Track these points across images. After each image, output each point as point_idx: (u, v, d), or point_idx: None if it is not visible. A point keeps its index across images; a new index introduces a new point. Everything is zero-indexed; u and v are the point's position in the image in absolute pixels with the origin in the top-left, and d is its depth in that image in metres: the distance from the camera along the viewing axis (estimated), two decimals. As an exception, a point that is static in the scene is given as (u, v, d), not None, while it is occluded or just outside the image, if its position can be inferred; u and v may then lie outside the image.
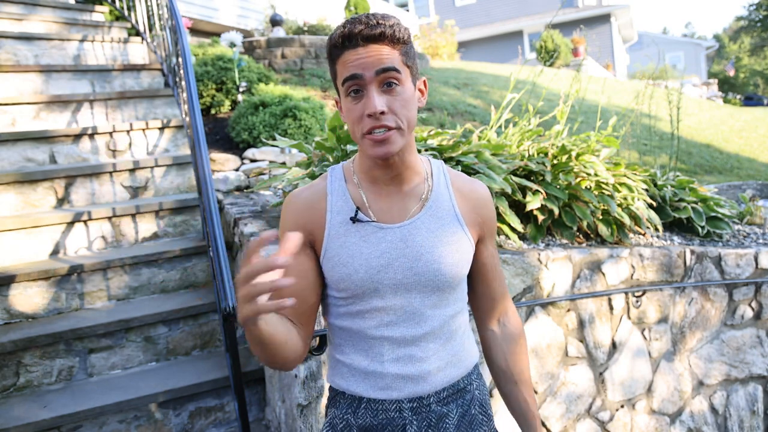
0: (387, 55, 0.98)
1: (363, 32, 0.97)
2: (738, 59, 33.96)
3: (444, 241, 1.09)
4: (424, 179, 1.12)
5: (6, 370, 2.27)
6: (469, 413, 1.14)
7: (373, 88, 0.98)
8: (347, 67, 0.98)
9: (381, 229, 1.07)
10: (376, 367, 1.09)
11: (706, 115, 9.14)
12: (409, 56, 1.02)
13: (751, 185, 4.85)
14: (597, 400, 2.57)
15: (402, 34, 1.00)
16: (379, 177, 1.08)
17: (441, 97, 5.72)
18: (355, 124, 1.00)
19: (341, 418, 1.12)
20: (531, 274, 2.36)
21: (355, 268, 1.06)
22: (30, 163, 3.23)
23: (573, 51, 14.85)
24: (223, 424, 2.35)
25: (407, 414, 1.08)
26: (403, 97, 0.99)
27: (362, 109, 0.98)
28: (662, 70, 8.94)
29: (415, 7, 18.68)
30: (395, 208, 1.09)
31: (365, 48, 0.97)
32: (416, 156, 1.11)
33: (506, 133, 3.02)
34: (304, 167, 2.60)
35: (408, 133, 1.02)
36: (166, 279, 2.79)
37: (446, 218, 1.11)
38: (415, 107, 1.03)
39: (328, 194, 1.11)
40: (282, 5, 8.14)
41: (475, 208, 1.15)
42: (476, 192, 1.16)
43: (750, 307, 2.94)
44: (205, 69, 4.23)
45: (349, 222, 1.08)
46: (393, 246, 1.06)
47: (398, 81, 0.99)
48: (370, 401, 1.09)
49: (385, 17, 0.99)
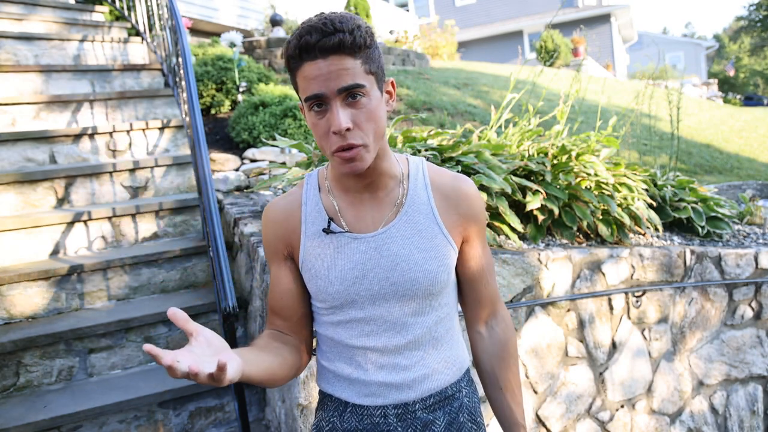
0: (348, 69, 0.91)
1: (320, 43, 0.90)
2: (738, 59, 33.97)
3: (421, 247, 1.04)
4: (399, 183, 1.07)
5: (6, 370, 2.27)
6: (458, 421, 1.12)
7: (336, 103, 0.92)
8: (308, 83, 0.92)
9: (355, 240, 1.04)
10: (360, 375, 1.07)
11: (706, 115, 9.14)
12: (373, 61, 0.96)
13: (751, 185, 4.85)
14: (597, 400, 2.57)
15: (362, 40, 0.92)
16: (352, 186, 1.05)
17: (441, 97, 5.72)
18: (322, 140, 0.96)
19: (328, 421, 1.12)
20: (531, 274, 2.36)
21: (330, 280, 1.04)
22: (30, 163, 3.23)
23: (573, 51, 14.86)
24: (223, 424, 2.35)
25: (392, 420, 1.07)
26: (368, 108, 0.94)
27: (327, 126, 0.94)
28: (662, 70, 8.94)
29: (415, 7, 18.67)
30: (369, 216, 1.05)
31: (324, 60, 0.90)
32: (390, 160, 1.06)
33: (506, 133, 3.02)
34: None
35: (377, 144, 0.97)
36: (166, 279, 2.79)
37: (423, 223, 1.06)
38: (382, 114, 0.98)
39: (303, 204, 1.09)
40: (282, 5, 8.14)
41: (457, 208, 1.08)
42: (457, 190, 1.09)
43: (750, 307, 2.94)
44: (205, 69, 4.23)
45: (322, 233, 1.05)
46: (367, 256, 1.03)
47: (363, 93, 0.93)
48: (356, 406, 1.09)
49: (342, 20, 0.91)
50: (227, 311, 1.96)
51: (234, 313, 1.95)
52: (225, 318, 2.01)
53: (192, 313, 2.54)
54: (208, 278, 2.87)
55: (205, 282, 2.87)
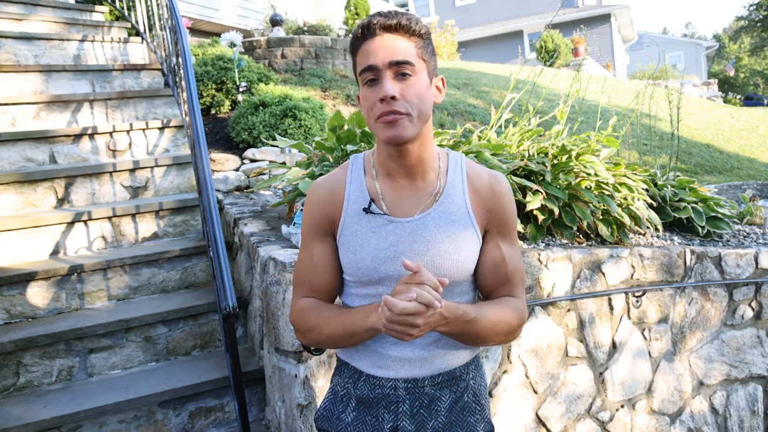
0: (401, 47, 1.02)
1: (380, 22, 1.02)
2: (738, 59, 33.95)
3: (452, 237, 1.11)
4: (439, 175, 1.14)
5: (6, 370, 2.27)
6: (462, 400, 1.19)
7: (387, 75, 1.02)
8: (365, 56, 1.03)
9: (391, 222, 1.11)
10: (378, 348, 1.15)
11: (707, 115, 9.14)
12: (426, 51, 1.06)
13: (751, 185, 4.85)
14: (597, 400, 2.57)
15: (418, 28, 1.04)
16: (394, 169, 1.12)
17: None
18: (369, 111, 1.05)
19: (343, 386, 1.22)
20: (531, 274, 2.36)
21: (362, 256, 1.11)
22: (30, 163, 3.23)
23: (573, 51, 14.84)
24: (223, 424, 2.35)
25: (402, 393, 1.16)
26: (416, 87, 1.03)
27: (376, 96, 1.02)
28: (662, 70, 8.94)
29: (415, 7, 18.69)
30: (407, 202, 1.12)
31: (381, 37, 1.02)
32: (432, 151, 1.13)
33: (506, 133, 3.02)
34: (304, 167, 2.60)
35: (420, 123, 1.05)
36: (166, 279, 2.79)
37: (457, 215, 1.12)
38: (429, 100, 1.06)
39: (347, 183, 1.16)
40: (282, 5, 8.13)
41: (484, 203, 1.15)
42: (486, 186, 1.16)
43: (750, 307, 2.94)
44: (205, 69, 4.23)
45: (362, 212, 1.13)
46: (401, 239, 1.10)
47: (412, 72, 1.02)
48: (369, 376, 1.17)
49: (403, 12, 1.04)
50: (227, 311, 1.96)
51: (234, 313, 1.95)
52: (225, 318, 2.01)
53: (192, 313, 2.54)
54: (208, 278, 2.87)
55: (205, 282, 2.87)
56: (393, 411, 1.16)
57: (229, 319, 2.00)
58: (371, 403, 1.17)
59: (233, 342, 2.04)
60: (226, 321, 2.03)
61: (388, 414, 1.16)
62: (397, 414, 1.16)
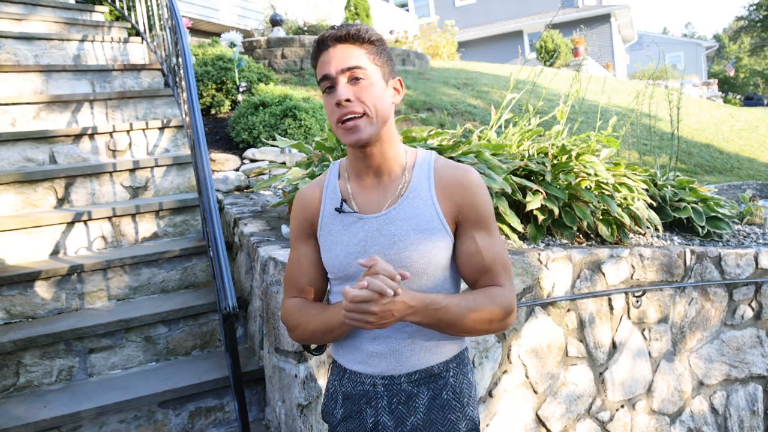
0: (352, 54, 1.11)
1: (332, 35, 1.12)
2: (738, 59, 33.94)
3: (418, 230, 1.16)
4: (405, 172, 1.20)
5: (6, 370, 2.27)
6: (441, 397, 1.22)
7: (340, 81, 1.11)
8: (321, 67, 1.13)
9: (360, 219, 1.19)
10: (356, 343, 1.22)
11: (707, 115, 9.14)
12: (379, 56, 1.14)
13: (751, 185, 4.85)
14: (597, 400, 2.57)
15: (368, 36, 1.13)
16: (362, 170, 1.20)
17: (441, 97, 5.72)
18: (331, 116, 1.13)
19: (332, 383, 1.31)
20: (531, 274, 2.36)
21: (336, 253, 1.20)
22: (30, 163, 3.23)
23: (573, 51, 14.84)
24: (223, 424, 2.35)
25: (380, 389, 1.22)
26: (369, 89, 1.11)
27: (333, 100, 1.11)
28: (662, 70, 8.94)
29: (415, 7, 18.67)
30: (375, 199, 1.20)
31: (334, 48, 1.12)
32: (397, 149, 1.20)
33: (506, 133, 3.02)
34: (304, 167, 2.60)
35: (378, 122, 1.12)
36: (166, 279, 2.79)
37: (422, 208, 1.17)
38: (385, 100, 1.14)
39: (325, 187, 1.26)
40: (282, 5, 8.13)
41: (452, 196, 1.19)
42: (454, 180, 1.20)
43: (750, 307, 2.94)
44: (205, 69, 4.23)
45: (336, 212, 1.21)
46: (369, 235, 1.18)
47: (364, 76, 1.11)
48: (352, 373, 1.25)
49: (354, 24, 1.13)
50: (227, 311, 1.96)
51: (234, 313, 1.95)
52: (225, 318, 2.01)
53: (192, 313, 2.54)
54: (208, 278, 2.87)
55: (205, 282, 2.87)
56: (374, 407, 1.22)
57: (229, 319, 2.00)
58: (355, 398, 1.24)
59: (233, 342, 2.04)
60: (226, 321, 2.03)
61: (369, 409, 1.23)
62: (377, 409, 1.22)
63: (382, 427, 1.21)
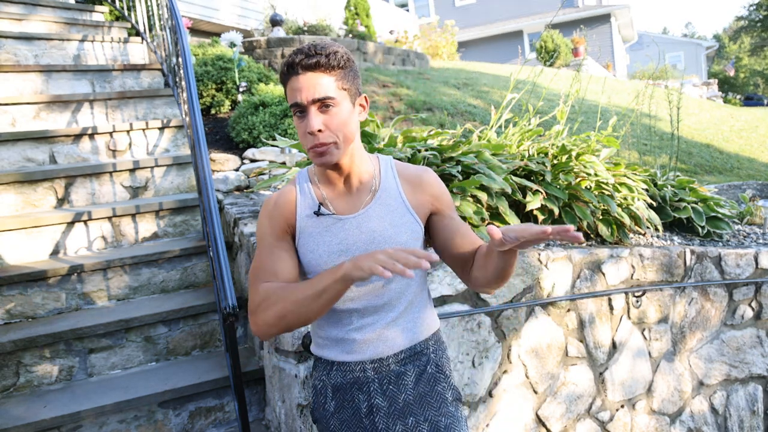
0: (323, 84, 1.15)
1: (302, 62, 1.14)
2: (738, 59, 33.94)
3: (393, 224, 1.27)
4: (374, 176, 1.30)
5: (6, 370, 2.27)
6: (426, 372, 1.34)
7: (312, 110, 1.15)
8: (292, 93, 1.17)
9: (339, 220, 1.26)
10: (344, 335, 1.29)
11: (707, 115, 9.14)
12: (347, 79, 1.19)
13: (751, 185, 4.85)
14: (597, 400, 2.57)
15: (337, 62, 1.16)
16: (334, 178, 1.28)
17: (441, 97, 5.72)
18: (302, 139, 1.19)
19: (319, 379, 1.36)
20: (531, 274, 2.36)
21: (319, 254, 1.26)
22: (30, 163, 3.23)
23: (573, 51, 14.84)
24: (223, 424, 2.35)
25: (370, 373, 1.30)
26: (338, 116, 1.17)
27: (305, 128, 1.16)
28: (662, 70, 8.94)
29: (415, 7, 18.67)
30: (350, 202, 1.28)
31: (304, 76, 1.15)
32: (364, 159, 1.29)
33: (506, 133, 3.02)
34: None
35: (345, 146, 1.20)
36: (166, 279, 2.79)
37: (394, 204, 1.28)
38: (352, 123, 1.21)
39: (298, 194, 1.30)
40: (282, 5, 8.13)
41: (424, 191, 1.31)
42: (420, 177, 1.33)
43: (750, 307, 2.94)
44: (205, 69, 4.23)
45: (314, 216, 1.27)
46: (350, 233, 1.26)
47: (333, 104, 1.16)
48: (340, 364, 1.31)
49: (324, 47, 1.15)
50: (227, 311, 1.96)
51: (234, 312, 1.95)
52: (225, 318, 2.01)
53: (192, 313, 2.54)
54: (208, 278, 2.87)
55: (205, 282, 2.87)
56: (365, 391, 1.30)
57: (229, 319, 2.00)
58: (345, 388, 1.31)
59: (233, 342, 2.04)
60: (226, 321, 2.03)
61: (361, 395, 1.30)
62: (369, 393, 1.30)
63: (376, 409, 1.29)
